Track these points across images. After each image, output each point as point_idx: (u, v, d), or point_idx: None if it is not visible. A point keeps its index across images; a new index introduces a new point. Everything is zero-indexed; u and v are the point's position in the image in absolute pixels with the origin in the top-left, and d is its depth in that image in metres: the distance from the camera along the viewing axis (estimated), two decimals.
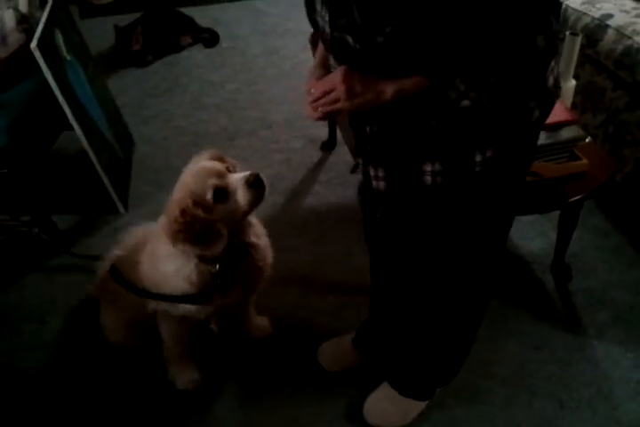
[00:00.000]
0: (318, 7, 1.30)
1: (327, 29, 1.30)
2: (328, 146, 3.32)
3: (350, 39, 1.24)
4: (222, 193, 1.68)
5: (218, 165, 1.74)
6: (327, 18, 1.27)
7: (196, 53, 4.33)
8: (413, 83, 1.22)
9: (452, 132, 1.31)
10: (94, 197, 2.97)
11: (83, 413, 2.13)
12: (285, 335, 2.34)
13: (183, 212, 1.66)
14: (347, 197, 2.99)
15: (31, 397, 2.18)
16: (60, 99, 2.57)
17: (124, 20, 4.33)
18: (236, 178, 1.70)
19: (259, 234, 1.92)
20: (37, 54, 2.44)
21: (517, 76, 1.24)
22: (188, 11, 4.54)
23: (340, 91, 1.27)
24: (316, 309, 2.44)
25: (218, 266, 1.80)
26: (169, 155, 3.32)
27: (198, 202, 1.66)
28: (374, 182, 1.47)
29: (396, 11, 1.13)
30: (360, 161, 1.53)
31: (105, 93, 3.30)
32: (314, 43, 2.85)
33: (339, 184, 3.08)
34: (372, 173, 1.46)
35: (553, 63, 1.34)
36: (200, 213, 1.66)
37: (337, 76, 1.28)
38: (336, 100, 1.30)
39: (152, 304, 1.97)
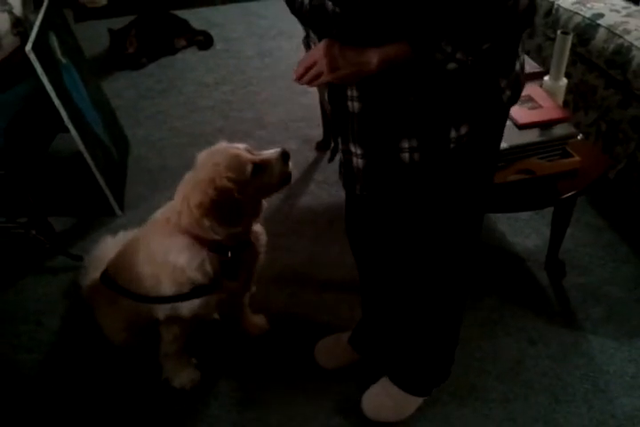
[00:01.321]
0: None
1: (306, 0, 1.29)
2: (323, 146, 3.34)
3: (330, 4, 1.22)
4: (259, 167, 1.78)
5: (243, 145, 1.84)
6: None
7: (191, 56, 4.34)
8: (397, 50, 1.21)
9: (428, 107, 1.31)
10: (90, 198, 2.98)
11: (80, 412, 2.13)
12: (281, 333, 2.35)
13: (220, 191, 1.72)
14: (342, 197, 2.96)
15: (29, 397, 2.19)
16: (56, 101, 2.58)
17: (118, 23, 4.34)
18: (270, 153, 1.82)
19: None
20: (32, 57, 2.45)
21: (500, 38, 1.23)
22: (182, 13, 4.55)
23: (322, 64, 1.27)
24: (311, 306, 2.46)
25: (230, 253, 1.85)
26: (164, 156, 3.34)
27: (233, 179, 1.73)
28: (354, 160, 1.46)
29: None
30: (339, 139, 1.51)
31: (100, 96, 3.32)
32: (307, 44, 2.86)
33: (334, 183, 3.09)
34: (352, 149, 1.45)
35: (520, 49, 1.38)
36: (235, 191, 1.73)
37: (318, 49, 1.27)
38: (319, 75, 1.29)
39: (163, 310, 1.98)
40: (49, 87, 2.54)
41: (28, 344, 2.37)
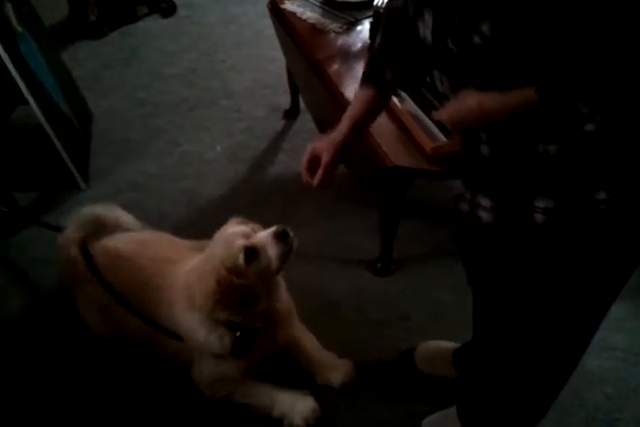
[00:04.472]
0: (426, 17, 1.20)
1: (429, 37, 1.20)
2: (291, 114, 3.29)
3: (450, 42, 1.13)
4: (252, 253, 1.72)
5: (243, 228, 1.79)
6: (430, 23, 1.19)
7: (153, 23, 4.24)
8: (522, 98, 1.09)
9: (572, 163, 1.16)
10: (54, 172, 2.91)
11: (44, 393, 2.12)
12: None
13: (219, 282, 1.70)
14: None
15: None
16: (13, 72, 2.51)
17: None
18: (263, 235, 1.76)
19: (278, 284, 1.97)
20: None
21: None
22: None
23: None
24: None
25: (239, 334, 1.85)
26: (129, 127, 3.28)
27: (231, 268, 1.70)
28: (481, 212, 1.32)
29: (494, 6, 1.03)
30: (467, 189, 1.36)
31: (60, 66, 3.23)
32: (273, 10, 2.80)
33: (303, 152, 2.96)
34: (480, 201, 1.31)
35: None
36: (235, 279, 1.71)
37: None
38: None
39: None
40: (5, 57, 2.47)
41: None
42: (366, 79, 1.52)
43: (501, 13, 1.03)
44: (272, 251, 1.75)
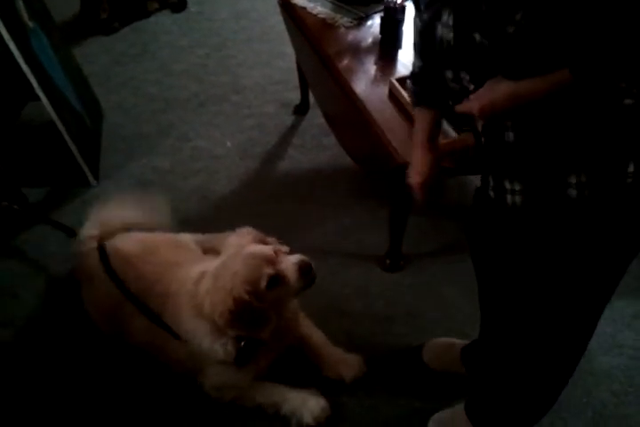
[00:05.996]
0: (445, 17, 1.22)
1: (449, 36, 1.22)
2: (301, 110, 3.29)
3: (478, 36, 1.14)
4: (276, 280, 1.74)
5: (266, 250, 1.79)
6: (450, 22, 1.20)
7: (164, 19, 4.24)
8: (555, 79, 1.11)
9: (604, 138, 1.18)
10: (64, 168, 2.91)
11: (53, 387, 2.13)
12: None
13: (237, 302, 1.71)
14: (321, 161, 2.97)
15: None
16: (24, 67, 2.50)
17: None
18: (289, 264, 1.77)
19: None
20: None
21: None
22: None
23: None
24: None
25: (243, 343, 1.86)
26: (139, 123, 3.28)
27: (251, 291, 1.71)
28: (509, 197, 1.32)
29: None
30: (489, 177, 1.37)
31: (71, 62, 3.23)
32: (283, 5, 2.80)
33: (313, 148, 3.06)
34: (507, 186, 1.32)
35: None
36: (253, 301, 1.72)
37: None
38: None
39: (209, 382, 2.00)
40: (16, 53, 2.46)
41: (2, 319, 2.35)
42: (421, 99, 1.52)
43: (535, 1, 1.05)
44: (295, 284, 1.77)
